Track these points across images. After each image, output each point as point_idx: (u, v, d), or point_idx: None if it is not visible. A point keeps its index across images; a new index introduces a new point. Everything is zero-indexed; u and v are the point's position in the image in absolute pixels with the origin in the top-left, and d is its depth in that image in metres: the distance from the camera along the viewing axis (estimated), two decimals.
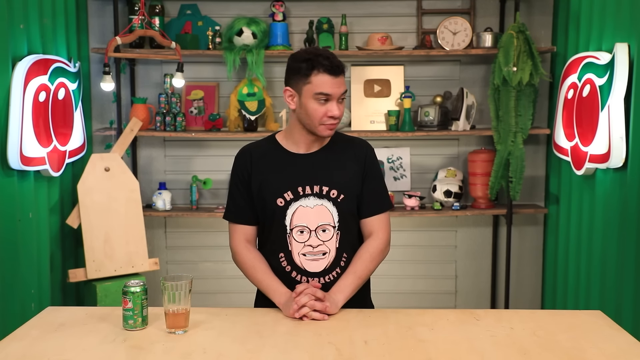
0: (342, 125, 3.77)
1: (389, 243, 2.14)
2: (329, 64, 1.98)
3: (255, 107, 3.70)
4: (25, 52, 2.94)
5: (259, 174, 2.09)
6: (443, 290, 4.03)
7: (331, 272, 2.07)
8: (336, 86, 1.99)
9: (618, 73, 2.80)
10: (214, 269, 3.98)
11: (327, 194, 2.05)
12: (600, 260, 3.06)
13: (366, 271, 2.08)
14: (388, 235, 2.14)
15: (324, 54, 2.00)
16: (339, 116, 2.02)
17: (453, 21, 3.70)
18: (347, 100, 3.84)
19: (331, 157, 2.10)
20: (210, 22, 3.81)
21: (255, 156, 2.12)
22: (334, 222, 2.06)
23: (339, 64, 2.00)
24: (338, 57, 2.05)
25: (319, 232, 2.05)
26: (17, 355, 1.68)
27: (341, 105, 2.03)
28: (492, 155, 3.71)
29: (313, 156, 2.10)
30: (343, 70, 2.02)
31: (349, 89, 3.82)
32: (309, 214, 2.05)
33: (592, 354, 1.68)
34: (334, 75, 1.98)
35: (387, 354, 1.68)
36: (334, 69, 1.98)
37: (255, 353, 1.69)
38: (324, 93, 1.99)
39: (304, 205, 2.05)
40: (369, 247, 2.10)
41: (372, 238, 2.11)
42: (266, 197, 2.07)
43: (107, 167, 3.42)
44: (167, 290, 1.81)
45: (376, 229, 2.12)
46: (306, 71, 1.99)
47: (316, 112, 2.00)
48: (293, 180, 2.06)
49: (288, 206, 2.05)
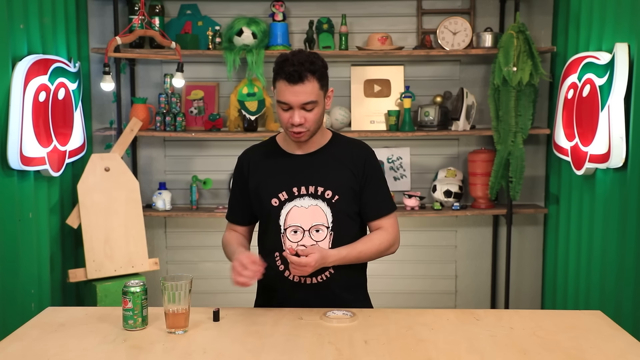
0: (341, 125, 3.77)
1: (398, 241, 2.14)
2: (290, 72, 1.92)
3: (255, 107, 3.70)
4: (25, 52, 2.94)
5: (256, 176, 2.11)
6: (443, 290, 4.03)
7: (324, 272, 2.07)
8: (294, 95, 1.94)
9: (618, 73, 2.80)
10: (214, 269, 3.97)
11: (322, 194, 2.05)
12: (600, 260, 3.06)
13: (365, 250, 2.06)
14: (397, 233, 2.14)
15: (292, 59, 1.94)
16: (298, 124, 1.97)
17: (453, 21, 3.70)
18: (347, 100, 3.84)
19: (328, 158, 2.10)
20: (210, 22, 3.81)
21: (254, 158, 2.14)
22: (328, 223, 2.05)
23: (302, 71, 1.92)
24: (338, 57, 2.03)
25: (313, 232, 2.05)
26: (17, 355, 1.68)
27: (309, 114, 1.97)
28: (492, 155, 3.71)
29: (310, 157, 2.10)
30: (306, 77, 1.93)
31: (349, 89, 3.83)
32: (303, 214, 2.05)
33: (592, 354, 1.69)
34: (293, 83, 1.93)
35: (387, 354, 1.68)
36: (293, 77, 1.92)
37: (255, 353, 1.69)
38: (282, 102, 1.97)
39: (298, 206, 2.05)
40: (377, 233, 2.11)
41: (383, 230, 2.11)
42: (262, 198, 2.08)
43: (107, 167, 3.42)
44: (167, 290, 1.81)
45: (385, 228, 2.12)
46: (274, 75, 1.99)
47: (281, 117, 2.01)
48: (288, 180, 2.06)
49: (282, 206, 2.06)
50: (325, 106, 2.05)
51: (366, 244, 2.08)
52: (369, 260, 2.13)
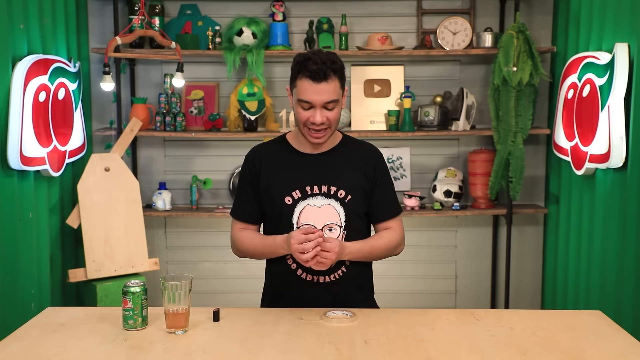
0: (342, 125, 3.77)
1: (403, 242, 2.17)
2: (314, 70, 1.92)
3: (255, 107, 3.70)
4: (25, 52, 2.94)
5: (267, 174, 2.10)
6: (443, 290, 4.03)
7: (336, 271, 2.07)
8: (317, 93, 1.94)
9: (618, 73, 2.80)
10: (214, 269, 3.97)
11: (335, 194, 2.05)
12: (600, 260, 3.06)
13: (377, 246, 2.09)
14: (404, 235, 2.17)
15: (314, 58, 1.94)
16: (319, 123, 1.97)
17: (453, 21, 3.70)
18: (347, 100, 3.83)
19: (340, 158, 2.10)
20: (210, 22, 3.81)
21: (265, 156, 2.12)
22: (341, 222, 2.06)
23: (326, 70, 1.92)
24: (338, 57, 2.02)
25: (326, 231, 2.05)
26: (17, 355, 1.68)
27: (330, 113, 1.97)
28: (492, 155, 3.71)
29: (322, 156, 2.10)
30: (330, 76, 1.93)
31: (349, 89, 3.83)
32: (316, 213, 2.05)
33: (592, 354, 1.69)
34: (317, 81, 1.93)
35: (387, 354, 1.68)
36: (317, 76, 1.92)
37: (255, 353, 1.69)
38: (303, 100, 1.97)
39: (311, 205, 2.05)
40: (387, 232, 2.13)
41: (392, 230, 2.14)
42: (274, 196, 2.07)
43: (107, 167, 3.42)
44: (167, 290, 1.81)
45: (393, 229, 2.15)
46: (295, 74, 1.98)
47: (300, 116, 2.00)
48: (301, 179, 2.06)
49: (296, 205, 2.05)
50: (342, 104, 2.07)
51: (377, 240, 2.10)
52: (378, 259, 2.14)
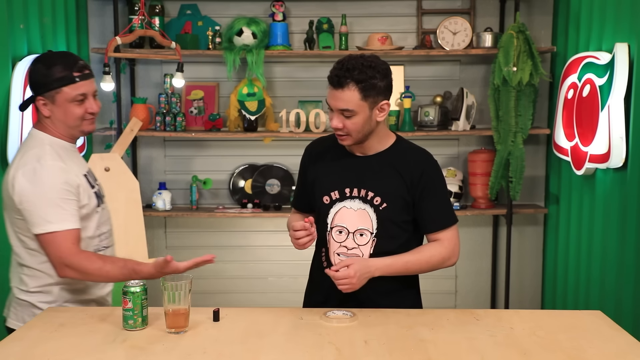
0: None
1: (456, 254, 2.07)
2: (332, 75, 1.95)
3: (255, 107, 3.70)
4: (25, 52, 2.94)
5: (314, 170, 2.13)
6: (443, 290, 4.03)
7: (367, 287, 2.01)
8: (333, 99, 1.95)
9: (618, 73, 2.80)
10: (214, 269, 3.96)
11: (371, 199, 2.03)
12: (600, 260, 3.06)
13: (413, 261, 2.02)
14: (455, 246, 2.06)
15: (342, 62, 1.94)
16: (335, 128, 1.98)
17: (453, 21, 3.70)
18: None
19: (384, 163, 2.05)
20: (210, 22, 3.81)
21: (314, 152, 2.16)
22: (372, 229, 2.04)
23: (342, 78, 1.91)
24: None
25: (357, 236, 2.04)
26: (17, 355, 1.68)
27: (347, 121, 1.95)
28: (492, 155, 3.71)
29: (367, 160, 2.07)
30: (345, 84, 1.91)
31: None
32: (350, 216, 2.04)
33: (592, 354, 1.69)
34: (333, 87, 1.95)
35: (387, 354, 1.68)
36: (332, 81, 1.94)
37: (255, 353, 1.69)
38: (327, 103, 2.00)
39: (347, 207, 2.05)
40: (430, 245, 2.07)
41: (438, 242, 2.06)
42: (316, 193, 2.10)
43: (107, 167, 3.42)
44: (167, 290, 1.81)
45: (442, 241, 2.06)
46: None
47: (329, 117, 2.03)
48: (342, 180, 2.06)
49: (332, 205, 2.06)
50: (375, 117, 1.98)
51: (414, 255, 2.03)
52: (420, 273, 2.10)
